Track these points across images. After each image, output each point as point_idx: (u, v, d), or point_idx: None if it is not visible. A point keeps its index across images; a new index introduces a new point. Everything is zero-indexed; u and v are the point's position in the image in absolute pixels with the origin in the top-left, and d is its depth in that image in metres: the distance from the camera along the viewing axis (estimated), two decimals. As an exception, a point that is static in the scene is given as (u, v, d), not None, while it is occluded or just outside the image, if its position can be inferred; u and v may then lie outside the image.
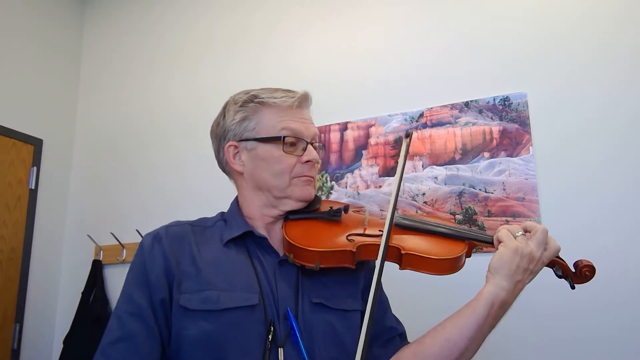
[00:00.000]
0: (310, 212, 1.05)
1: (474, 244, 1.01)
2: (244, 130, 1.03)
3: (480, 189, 2.05)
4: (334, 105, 2.38)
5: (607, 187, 1.87)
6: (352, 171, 2.30)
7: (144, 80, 2.94)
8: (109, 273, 2.68)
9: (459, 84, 2.19)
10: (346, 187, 2.29)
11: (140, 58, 2.99)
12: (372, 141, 2.29)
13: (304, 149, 1.02)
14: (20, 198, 2.70)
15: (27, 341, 2.62)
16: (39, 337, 2.69)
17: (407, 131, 1.12)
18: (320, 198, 1.11)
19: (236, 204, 1.08)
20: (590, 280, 0.95)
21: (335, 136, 2.37)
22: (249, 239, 1.01)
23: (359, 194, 2.26)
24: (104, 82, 3.06)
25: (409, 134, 1.08)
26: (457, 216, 2.06)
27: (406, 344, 1.05)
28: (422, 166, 2.17)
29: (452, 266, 0.96)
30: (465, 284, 1.24)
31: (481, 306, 0.89)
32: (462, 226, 1.13)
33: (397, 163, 2.24)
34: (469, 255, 1.00)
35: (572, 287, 0.96)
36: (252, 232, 1.01)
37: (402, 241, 0.98)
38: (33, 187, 2.76)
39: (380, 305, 1.09)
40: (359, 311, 1.02)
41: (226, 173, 1.12)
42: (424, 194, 2.14)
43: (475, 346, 0.91)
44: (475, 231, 1.03)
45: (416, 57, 2.30)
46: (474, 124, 2.12)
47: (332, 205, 1.08)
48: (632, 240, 1.80)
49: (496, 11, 2.20)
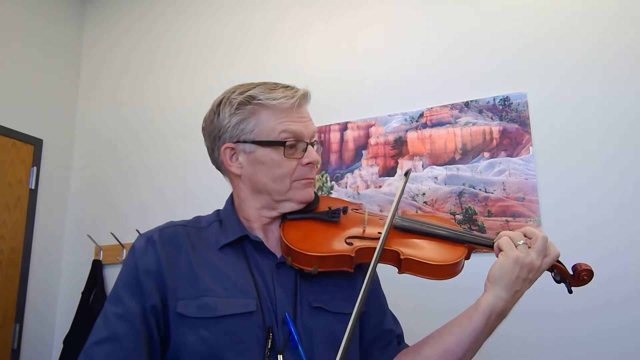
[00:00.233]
0: (308, 212, 1.03)
1: (473, 247, 1.00)
2: (241, 132, 0.99)
3: (480, 189, 2.05)
4: (334, 105, 2.38)
5: (607, 187, 1.87)
6: (352, 171, 2.30)
7: (144, 80, 2.94)
8: (109, 273, 2.68)
9: (459, 84, 2.19)
10: (346, 187, 2.29)
11: (140, 58, 2.99)
12: (372, 141, 2.29)
13: (304, 150, 1.00)
14: (20, 198, 2.70)
15: (27, 341, 2.62)
16: (39, 337, 2.69)
17: (407, 170, 1.15)
18: (318, 196, 1.08)
19: (231, 204, 1.05)
20: (587, 283, 0.96)
21: (335, 136, 2.37)
22: (245, 242, 0.99)
23: (359, 194, 2.26)
24: (104, 82, 3.06)
25: (407, 173, 1.10)
26: (457, 216, 2.06)
27: (404, 347, 1.05)
28: (422, 166, 2.17)
29: (451, 271, 0.95)
30: (464, 285, 1.24)
31: (479, 316, 0.89)
32: (462, 228, 1.13)
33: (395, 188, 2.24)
34: (468, 258, 1.00)
35: (570, 291, 0.96)
36: (248, 235, 0.99)
37: (401, 245, 0.97)
38: (33, 187, 2.76)
39: (379, 307, 1.08)
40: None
41: (221, 171, 1.08)
42: (424, 194, 2.14)
43: (472, 354, 0.92)
44: (475, 234, 1.03)
45: (416, 57, 2.30)
46: (474, 124, 2.12)
47: (330, 203, 1.06)
48: (632, 240, 1.80)
49: (496, 11, 2.20)
